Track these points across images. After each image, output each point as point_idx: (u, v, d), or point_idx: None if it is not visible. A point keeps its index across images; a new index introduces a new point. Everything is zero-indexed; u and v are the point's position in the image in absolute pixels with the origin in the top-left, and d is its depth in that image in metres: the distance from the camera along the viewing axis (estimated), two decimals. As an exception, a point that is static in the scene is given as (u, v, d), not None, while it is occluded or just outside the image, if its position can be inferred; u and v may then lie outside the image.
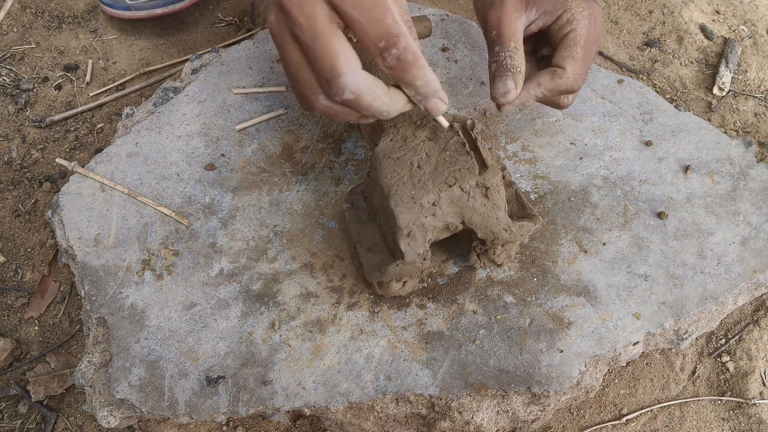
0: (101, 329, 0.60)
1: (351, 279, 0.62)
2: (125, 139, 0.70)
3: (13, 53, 0.96)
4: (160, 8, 0.93)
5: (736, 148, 0.72)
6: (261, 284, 0.62)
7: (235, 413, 0.56)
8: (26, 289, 0.78)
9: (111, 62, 0.96)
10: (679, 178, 0.70)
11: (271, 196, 0.67)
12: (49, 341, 0.75)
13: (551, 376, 0.57)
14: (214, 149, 0.70)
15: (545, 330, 0.59)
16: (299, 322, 0.60)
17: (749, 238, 0.66)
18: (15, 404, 0.72)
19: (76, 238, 0.63)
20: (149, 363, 0.57)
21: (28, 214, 0.83)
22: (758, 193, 0.69)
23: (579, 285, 0.62)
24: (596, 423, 0.70)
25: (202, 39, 0.99)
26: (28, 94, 0.92)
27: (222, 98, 0.73)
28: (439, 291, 0.61)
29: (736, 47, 0.95)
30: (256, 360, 0.58)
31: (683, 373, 0.73)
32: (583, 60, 0.59)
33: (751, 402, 0.71)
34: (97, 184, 0.67)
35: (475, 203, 0.53)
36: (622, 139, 0.72)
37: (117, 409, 0.58)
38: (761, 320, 0.76)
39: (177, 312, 0.60)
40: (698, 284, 0.63)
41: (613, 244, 0.65)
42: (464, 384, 0.57)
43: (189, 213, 0.66)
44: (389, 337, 0.59)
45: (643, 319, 0.61)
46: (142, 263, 0.62)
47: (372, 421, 0.59)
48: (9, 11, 0.99)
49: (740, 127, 0.89)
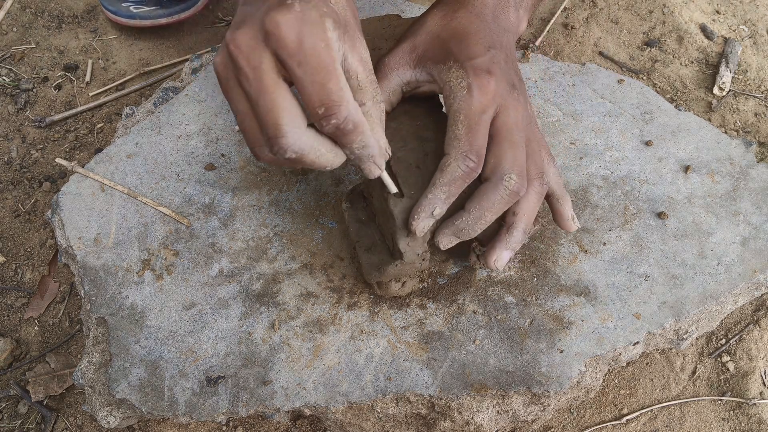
0: (101, 329, 0.60)
1: (351, 279, 0.62)
2: (125, 139, 0.70)
3: (13, 53, 0.96)
4: (164, 18, 0.94)
5: (736, 148, 0.72)
6: (261, 284, 0.62)
7: (235, 413, 0.56)
8: (26, 289, 0.78)
9: (111, 62, 0.96)
10: (680, 178, 0.69)
11: (271, 196, 0.67)
12: (49, 341, 0.75)
13: (551, 376, 0.57)
14: (214, 149, 0.70)
15: (545, 330, 0.59)
16: (299, 322, 0.60)
17: (749, 238, 0.66)
18: (15, 404, 0.72)
19: (76, 238, 0.63)
20: (149, 363, 0.57)
21: (28, 214, 0.83)
22: (758, 193, 0.69)
23: (579, 285, 0.62)
24: (596, 423, 0.70)
25: (202, 39, 0.99)
26: (28, 94, 0.92)
27: (222, 98, 0.73)
28: (439, 291, 0.61)
29: (737, 47, 0.95)
30: (256, 360, 0.58)
31: (683, 373, 0.73)
32: (466, 136, 0.49)
33: (752, 402, 0.71)
34: (97, 184, 0.67)
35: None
36: (622, 139, 0.72)
37: (117, 409, 0.58)
38: (761, 320, 0.76)
39: (177, 312, 0.60)
40: (698, 284, 0.63)
41: (613, 244, 0.65)
42: (464, 384, 0.57)
43: (189, 213, 0.65)
44: (389, 337, 0.59)
45: (643, 319, 0.61)
46: (142, 263, 0.62)
47: (372, 421, 0.59)
48: (9, 11, 0.99)
49: (740, 127, 0.89)
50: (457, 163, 0.49)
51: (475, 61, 0.51)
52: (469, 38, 0.52)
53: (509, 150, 0.50)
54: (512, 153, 0.50)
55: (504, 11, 0.57)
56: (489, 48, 0.52)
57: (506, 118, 0.51)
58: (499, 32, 0.55)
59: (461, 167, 0.49)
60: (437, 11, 0.56)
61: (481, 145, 0.50)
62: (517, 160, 0.50)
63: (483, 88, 0.50)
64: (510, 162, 0.50)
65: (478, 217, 0.51)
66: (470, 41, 0.52)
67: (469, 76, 0.50)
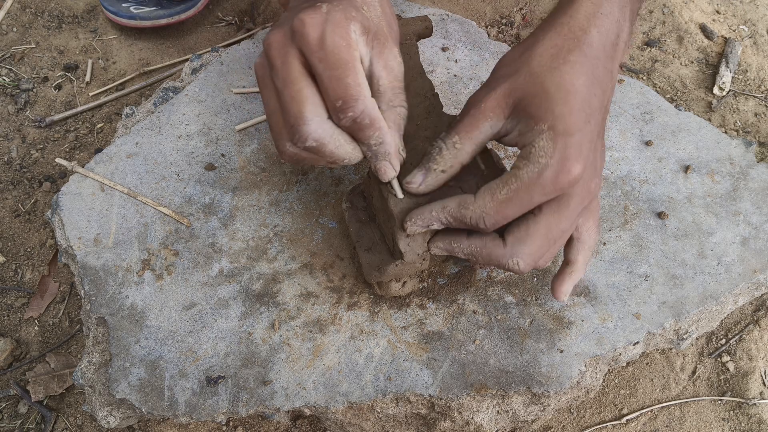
0: (101, 329, 0.60)
1: (351, 279, 0.62)
2: (125, 139, 0.70)
3: (12, 53, 0.96)
4: (165, 18, 0.94)
5: (736, 148, 0.72)
6: (261, 284, 0.62)
7: (235, 413, 0.56)
8: (26, 289, 0.78)
9: (111, 62, 0.96)
10: (680, 178, 0.69)
11: (271, 196, 0.67)
12: (49, 341, 0.75)
13: (551, 376, 0.57)
14: (214, 149, 0.70)
15: (545, 330, 0.59)
16: (299, 322, 0.60)
17: (749, 238, 0.66)
18: (15, 404, 0.72)
19: (76, 238, 0.63)
20: (149, 363, 0.57)
21: (28, 214, 0.83)
22: (758, 193, 0.69)
23: (579, 285, 0.62)
24: (596, 423, 0.70)
25: (202, 39, 0.99)
26: (27, 93, 0.92)
27: (222, 98, 0.73)
28: (439, 291, 0.61)
29: (737, 47, 0.95)
30: (256, 360, 0.58)
31: (683, 373, 0.73)
32: (503, 203, 0.45)
33: (752, 402, 0.71)
34: (97, 184, 0.67)
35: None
36: (622, 139, 0.72)
37: (117, 409, 0.58)
38: (761, 320, 0.76)
39: (177, 312, 0.60)
40: (698, 284, 0.63)
41: (613, 243, 0.65)
42: (464, 384, 0.57)
43: (189, 213, 0.65)
44: (389, 337, 0.59)
45: (643, 319, 0.61)
46: (142, 263, 0.62)
47: (372, 421, 0.59)
48: (9, 11, 0.99)
49: (740, 126, 0.89)
50: (473, 214, 0.47)
51: (571, 139, 0.44)
52: (574, 100, 0.45)
53: (541, 242, 0.47)
54: (540, 245, 0.47)
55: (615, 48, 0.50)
56: (588, 119, 0.45)
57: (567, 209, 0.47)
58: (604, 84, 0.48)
59: (471, 220, 0.47)
60: (547, 47, 0.47)
61: (507, 218, 0.46)
62: (537, 254, 0.48)
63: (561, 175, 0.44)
64: (530, 251, 0.47)
65: (471, 254, 0.50)
66: (573, 105, 0.45)
67: (555, 154, 0.44)
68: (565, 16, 0.48)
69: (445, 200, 0.48)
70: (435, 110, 0.57)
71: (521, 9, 1.01)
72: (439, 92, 0.71)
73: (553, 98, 0.45)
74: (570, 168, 0.44)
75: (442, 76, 0.76)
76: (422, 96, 0.58)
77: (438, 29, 0.80)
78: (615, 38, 0.49)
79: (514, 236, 0.48)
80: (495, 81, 0.48)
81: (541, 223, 0.47)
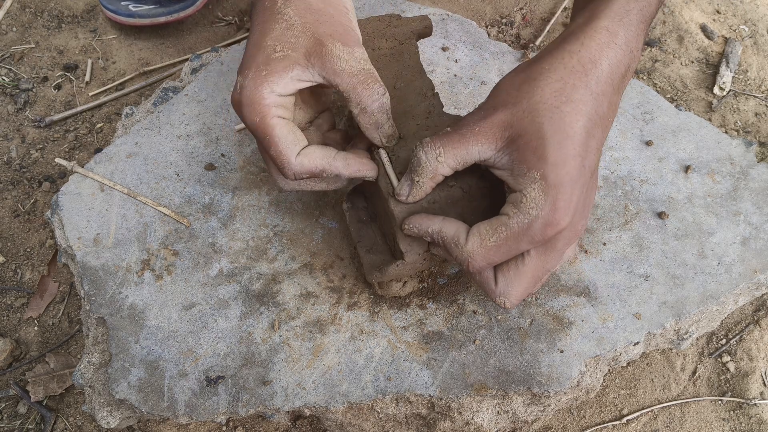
0: (101, 329, 0.60)
1: (351, 279, 0.62)
2: (125, 139, 0.70)
3: (12, 53, 0.96)
4: (164, 16, 0.94)
5: (736, 147, 0.72)
6: (261, 284, 0.62)
7: (235, 413, 0.56)
8: (26, 289, 0.78)
9: (110, 62, 0.96)
10: (680, 177, 0.69)
11: (271, 196, 0.67)
12: (49, 341, 0.75)
13: (551, 376, 0.57)
14: (214, 149, 0.70)
15: (545, 330, 0.59)
16: (299, 322, 0.60)
17: (750, 238, 0.66)
18: (14, 404, 0.71)
19: (76, 238, 0.63)
20: (149, 363, 0.57)
21: (28, 214, 0.83)
22: (759, 193, 0.69)
23: (579, 285, 0.62)
24: (596, 423, 0.70)
25: (202, 39, 0.99)
26: (27, 93, 0.92)
27: (222, 98, 0.73)
28: (439, 291, 0.61)
29: (737, 47, 0.95)
30: (256, 360, 0.58)
31: (684, 374, 0.73)
32: (491, 249, 0.45)
33: (752, 402, 0.71)
34: (97, 184, 0.67)
35: (476, 203, 0.53)
36: (623, 139, 0.72)
37: (116, 409, 0.58)
38: (762, 320, 0.76)
39: (177, 312, 0.60)
40: (699, 284, 0.63)
41: (613, 244, 0.65)
42: (464, 384, 0.57)
43: (189, 213, 0.65)
44: (389, 337, 0.59)
45: (643, 319, 0.61)
46: (141, 263, 0.62)
47: (372, 421, 0.59)
48: (8, 11, 0.99)
49: (741, 126, 0.89)
50: (460, 255, 0.47)
51: (563, 190, 0.44)
52: (570, 146, 0.44)
53: (528, 283, 0.48)
54: (526, 286, 0.48)
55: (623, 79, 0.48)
56: (583, 163, 0.45)
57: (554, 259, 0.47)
58: (606, 120, 0.47)
59: (458, 259, 0.47)
60: (552, 80, 0.45)
61: (493, 263, 0.47)
62: (524, 294, 0.49)
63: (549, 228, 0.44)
64: (517, 292, 0.48)
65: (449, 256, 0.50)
66: (568, 152, 0.44)
67: (545, 206, 0.44)
68: (576, 43, 0.46)
69: (445, 223, 0.48)
70: (435, 110, 0.57)
71: (521, 9, 1.01)
72: (439, 92, 0.71)
73: (549, 143, 0.43)
74: (559, 220, 0.44)
75: (442, 76, 0.76)
76: (422, 96, 0.58)
77: (438, 29, 0.80)
78: (625, 70, 0.47)
79: (504, 277, 0.48)
80: (493, 107, 0.46)
81: (529, 266, 0.47)
